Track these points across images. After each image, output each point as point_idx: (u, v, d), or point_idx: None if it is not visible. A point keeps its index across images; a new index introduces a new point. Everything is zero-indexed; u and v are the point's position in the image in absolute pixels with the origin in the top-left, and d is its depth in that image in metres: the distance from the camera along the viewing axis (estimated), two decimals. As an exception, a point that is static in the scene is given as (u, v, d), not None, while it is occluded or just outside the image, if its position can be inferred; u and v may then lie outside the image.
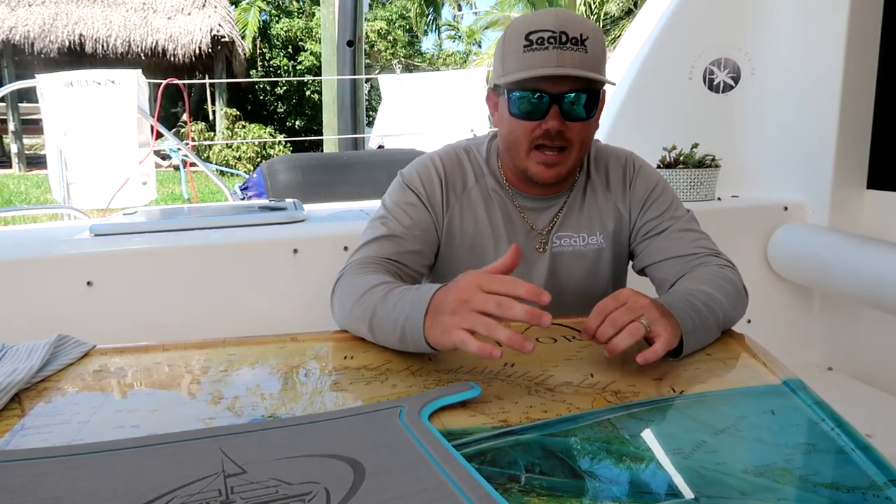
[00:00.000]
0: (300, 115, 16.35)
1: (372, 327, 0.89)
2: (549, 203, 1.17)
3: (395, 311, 0.85)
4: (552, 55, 0.98)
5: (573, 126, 1.03)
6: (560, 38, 0.98)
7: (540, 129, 1.03)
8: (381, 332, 0.88)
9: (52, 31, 11.25)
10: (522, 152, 1.06)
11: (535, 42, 0.99)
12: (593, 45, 1.00)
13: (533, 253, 1.16)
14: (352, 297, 0.95)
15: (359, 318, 0.92)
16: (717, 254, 1.12)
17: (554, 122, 1.01)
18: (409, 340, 0.82)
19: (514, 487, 0.56)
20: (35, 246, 1.48)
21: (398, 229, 1.10)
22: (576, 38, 0.98)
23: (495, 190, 1.16)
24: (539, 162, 1.06)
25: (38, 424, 0.68)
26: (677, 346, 0.85)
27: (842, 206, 2.03)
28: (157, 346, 0.92)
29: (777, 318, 2.08)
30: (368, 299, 0.91)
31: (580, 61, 0.99)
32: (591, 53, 1.00)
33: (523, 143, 1.06)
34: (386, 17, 20.03)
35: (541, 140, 1.04)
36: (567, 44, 0.98)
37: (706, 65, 2.28)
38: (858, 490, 0.55)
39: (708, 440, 0.64)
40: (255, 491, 0.54)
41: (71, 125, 3.39)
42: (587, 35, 0.99)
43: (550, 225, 1.17)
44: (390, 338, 0.86)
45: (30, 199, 8.33)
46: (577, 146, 1.05)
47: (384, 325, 0.87)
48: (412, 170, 1.17)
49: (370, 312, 0.89)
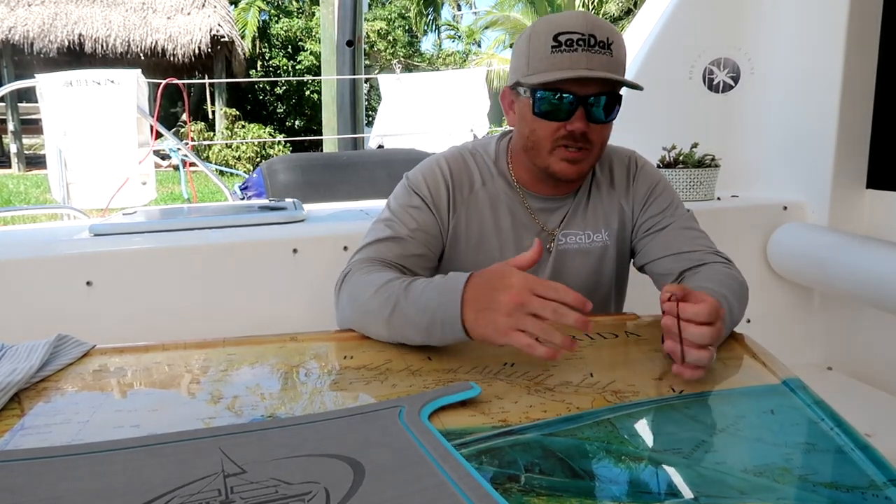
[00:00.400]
0: (300, 115, 16.35)
1: (391, 318, 0.90)
2: (560, 203, 1.17)
3: (422, 299, 0.87)
4: (581, 57, 0.99)
5: (595, 128, 1.04)
6: (589, 40, 0.99)
7: (564, 130, 1.03)
8: (402, 321, 0.89)
9: (51, 31, 11.25)
10: (545, 151, 1.07)
11: (565, 44, 0.99)
12: (618, 50, 1.01)
13: (543, 252, 1.17)
14: (369, 288, 0.95)
15: (375, 309, 0.92)
16: (716, 252, 1.13)
17: (579, 124, 1.02)
18: (438, 328, 0.84)
19: (513, 487, 0.56)
20: (35, 246, 1.48)
21: (403, 232, 1.10)
22: (603, 42, 0.99)
23: (504, 191, 1.16)
24: (563, 159, 1.06)
25: (38, 424, 0.68)
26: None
27: (841, 205, 2.03)
28: (157, 345, 0.92)
29: (777, 318, 2.08)
30: (389, 289, 0.92)
31: (607, 65, 1.00)
32: (616, 57, 1.01)
33: (546, 143, 1.06)
34: (385, 16, 20.04)
35: (564, 141, 1.05)
36: (595, 47, 0.99)
37: (706, 64, 2.28)
38: (858, 489, 0.55)
39: (707, 440, 0.64)
40: (255, 491, 0.54)
41: (70, 125, 3.39)
42: (612, 39, 1.01)
43: (559, 225, 1.17)
44: (413, 328, 0.87)
45: (29, 199, 8.33)
46: (598, 147, 1.07)
47: (408, 314, 0.88)
48: (418, 173, 1.17)
49: (392, 302, 0.90)
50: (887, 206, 2.00)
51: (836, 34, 1.96)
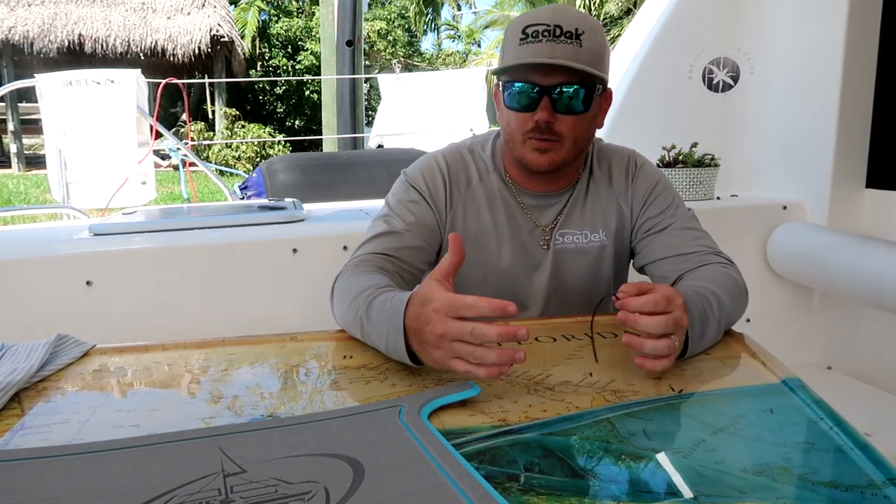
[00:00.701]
0: (299, 115, 16.34)
1: (363, 334, 0.89)
2: (553, 200, 1.17)
3: (378, 323, 0.84)
4: (544, 47, 0.99)
5: (565, 119, 1.03)
6: (554, 31, 0.99)
7: (531, 121, 1.03)
8: (370, 341, 0.88)
9: (51, 31, 11.25)
10: (518, 143, 1.07)
11: (531, 35, 1.00)
12: (590, 40, 1.00)
13: (538, 250, 1.17)
14: (344, 299, 0.95)
15: (350, 322, 0.92)
16: (717, 252, 1.12)
17: (543, 114, 1.02)
18: (395, 355, 0.82)
19: (513, 486, 0.56)
20: (34, 245, 1.48)
21: (400, 226, 1.10)
22: (570, 32, 0.99)
23: (499, 188, 1.17)
24: (533, 149, 1.06)
25: (38, 424, 0.68)
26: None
27: (841, 205, 2.03)
28: (157, 345, 0.92)
29: (776, 318, 2.08)
30: (356, 304, 0.90)
31: (573, 54, 0.99)
32: (587, 48, 1.00)
33: (518, 134, 1.07)
34: (385, 16, 20.02)
35: (532, 133, 1.05)
36: (561, 37, 0.99)
37: (705, 64, 2.28)
38: (857, 489, 0.55)
39: (707, 439, 0.64)
40: (255, 490, 0.54)
41: (70, 125, 3.38)
42: (583, 30, 1.00)
43: (554, 222, 1.17)
44: (380, 347, 0.85)
45: (29, 199, 8.33)
46: (569, 140, 1.05)
47: (371, 336, 0.87)
48: (416, 168, 1.17)
49: (359, 320, 0.89)
50: (887, 206, 2.00)
51: (836, 34, 1.96)
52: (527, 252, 1.16)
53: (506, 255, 1.15)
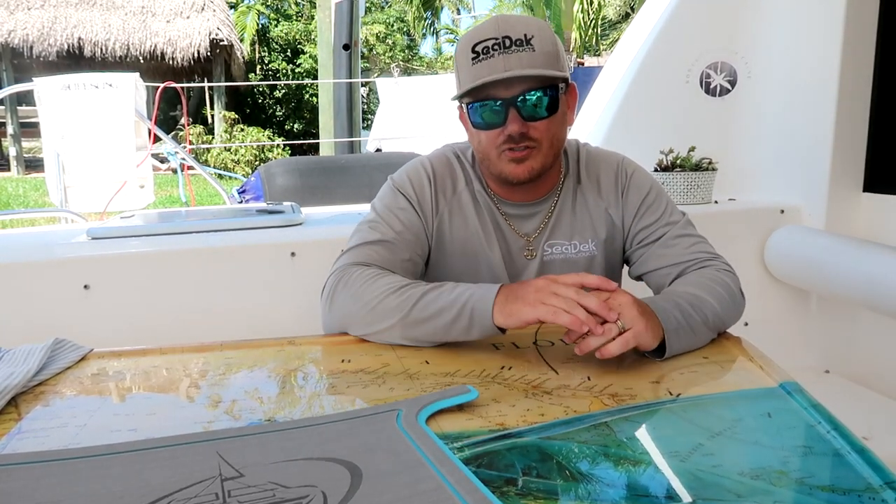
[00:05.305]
0: (299, 119, 16.34)
1: (412, 311, 0.92)
2: (534, 209, 1.16)
3: (454, 292, 0.92)
4: (497, 61, 0.99)
5: (537, 125, 1.03)
6: (503, 42, 0.99)
7: (503, 135, 1.03)
8: (424, 314, 0.91)
9: (50, 35, 11.24)
10: (493, 159, 1.07)
11: (481, 52, 1.00)
12: (541, 43, 1.00)
13: (521, 260, 1.16)
14: (384, 287, 0.96)
15: (394, 306, 0.93)
16: (714, 257, 1.11)
17: (514, 126, 1.01)
18: (466, 318, 0.89)
19: (511, 490, 0.56)
20: (32, 249, 1.48)
21: (389, 234, 1.10)
22: (520, 40, 0.99)
23: (482, 195, 1.16)
24: (510, 160, 1.05)
25: (36, 428, 0.68)
26: (660, 346, 0.86)
27: (838, 209, 2.03)
28: (155, 349, 0.92)
29: (774, 321, 2.08)
30: (413, 288, 0.95)
31: (528, 61, 0.99)
32: (540, 51, 1.00)
33: (491, 151, 1.06)
34: (384, 20, 20.05)
35: (505, 145, 1.04)
36: (511, 47, 0.99)
37: (703, 68, 2.28)
38: (854, 492, 0.56)
39: (704, 443, 0.64)
40: (253, 494, 0.54)
41: (68, 128, 3.38)
42: (532, 34, 1.00)
43: (538, 231, 1.16)
44: (432, 324, 0.91)
45: (28, 203, 8.32)
46: (545, 144, 1.05)
47: (435, 306, 0.91)
48: (403, 174, 1.17)
49: (416, 297, 0.93)
50: (884, 210, 2.00)
51: (833, 38, 1.97)
52: (513, 261, 1.16)
53: (495, 260, 1.15)
